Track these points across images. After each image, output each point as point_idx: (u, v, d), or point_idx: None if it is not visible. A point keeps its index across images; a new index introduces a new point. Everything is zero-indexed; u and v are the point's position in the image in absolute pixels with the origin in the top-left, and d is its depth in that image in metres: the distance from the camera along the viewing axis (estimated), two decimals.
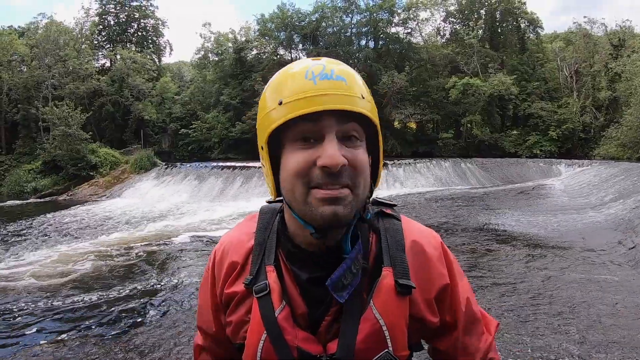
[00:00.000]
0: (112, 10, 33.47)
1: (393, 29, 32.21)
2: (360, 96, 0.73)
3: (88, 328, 4.96)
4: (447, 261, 0.84)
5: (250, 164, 18.72)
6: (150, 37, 35.46)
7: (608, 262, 6.43)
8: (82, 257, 8.29)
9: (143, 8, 34.20)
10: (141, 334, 4.63)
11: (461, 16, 32.65)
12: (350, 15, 31.77)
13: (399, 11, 31.42)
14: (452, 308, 0.83)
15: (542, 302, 4.87)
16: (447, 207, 12.11)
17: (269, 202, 0.89)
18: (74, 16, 52.92)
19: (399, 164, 20.02)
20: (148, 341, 4.41)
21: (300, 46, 33.46)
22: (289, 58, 31.73)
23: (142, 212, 14.68)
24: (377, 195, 0.89)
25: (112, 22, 33.79)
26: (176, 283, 6.53)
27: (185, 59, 47.66)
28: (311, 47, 32.12)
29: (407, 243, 0.81)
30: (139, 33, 34.82)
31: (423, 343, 0.89)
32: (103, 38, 33.67)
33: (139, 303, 5.71)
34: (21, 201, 19.56)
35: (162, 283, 6.55)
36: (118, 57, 30.41)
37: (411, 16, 31.98)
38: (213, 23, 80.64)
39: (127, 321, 5.12)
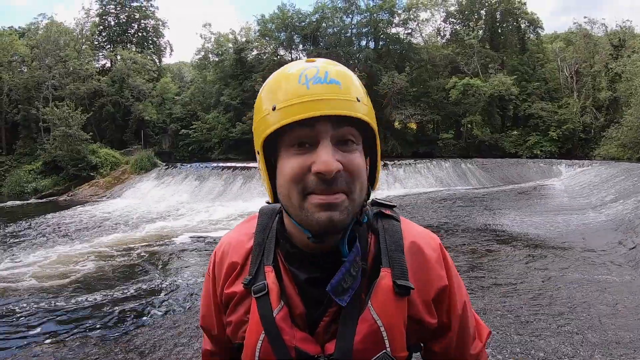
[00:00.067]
0: (113, 10, 33.51)
1: (393, 30, 32.22)
2: (355, 99, 0.72)
3: (88, 328, 4.97)
4: (446, 263, 0.84)
5: (250, 165, 18.72)
6: (150, 38, 35.51)
7: (608, 263, 6.42)
8: (83, 258, 8.30)
9: (143, 9, 34.24)
10: (142, 335, 4.63)
11: (461, 17, 32.63)
12: (350, 15, 31.76)
13: (399, 12, 31.40)
14: (449, 310, 0.83)
15: (543, 303, 4.87)
16: (448, 208, 12.10)
17: (269, 203, 0.89)
18: (75, 17, 53.15)
19: (399, 165, 20.04)
20: (148, 341, 4.41)
21: (300, 47, 33.45)
22: (289, 58, 31.71)
23: (143, 213, 14.69)
24: (378, 195, 0.88)
25: (113, 23, 33.83)
26: (176, 283, 6.54)
27: (185, 60, 47.73)
28: (311, 48, 32.11)
29: (406, 244, 0.81)
30: (140, 34, 34.86)
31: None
32: (103, 39, 33.71)
33: (140, 303, 5.71)
34: (21, 202, 19.60)
35: (163, 283, 6.56)
36: (118, 58, 30.44)
37: (411, 17, 31.96)
38: (213, 23, 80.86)
39: (128, 321, 5.13)
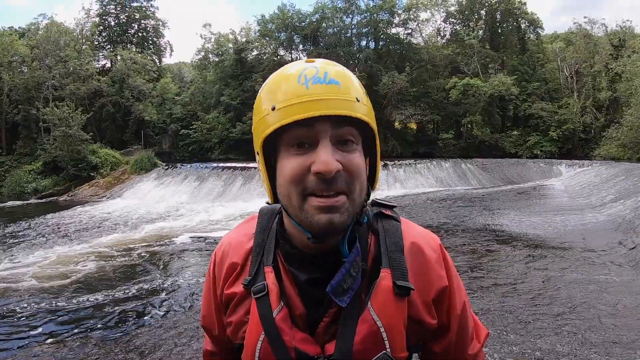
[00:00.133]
0: (113, 11, 33.53)
1: (393, 30, 32.23)
2: (355, 99, 0.72)
3: (89, 328, 4.97)
4: (446, 263, 0.84)
5: (250, 165, 18.72)
6: (150, 38, 35.52)
7: (608, 263, 6.42)
8: (83, 258, 8.31)
9: (143, 9, 34.26)
10: (142, 335, 4.63)
11: (461, 17, 32.63)
12: (350, 16, 31.77)
13: (400, 12, 31.42)
14: (449, 310, 0.83)
15: (543, 303, 4.87)
16: (448, 208, 12.10)
17: (268, 204, 0.88)
18: (75, 17, 53.34)
19: (400, 165, 20.04)
20: (149, 342, 4.41)
21: (300, 47, 33.47)
22: (290, 59, 31.72)
23: (143, 213, 14.70)
24: (378, 195, 0.88)
25: (113, 23, 33.84)
26: (177, 284, 6.54)
27: (185, 60, 47.74)
28: (311, 48, 32.12)
29: (406, 244, 0.81)
30: (140, 34, 34.88)
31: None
32: (103, 39, 33.72)
33: (140, 304, 5.72)
34: (22, 202, 19.61)
35: (163, 284, 6.56)
36: (118, 58, 30.45)
37: (411, 17, 31.98)
38: (213, 23, 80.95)
39: (128, 322, 5.14)
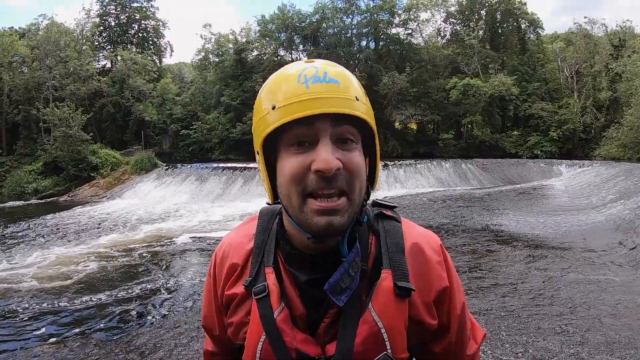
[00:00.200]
0: (113, 11, 33.54)
1: (393, 30, 32.24)
2: (354, 98, 0.72)
3: (89, 329, 4.97)
4: (447, 264, 0.84)
5: (250, 165, 18.71)
6: (150, 38, 35.52)
7: (609, 263, 6.42)
8: (83, 259, 8.30)
9: (144, 9, 34.27)
10: (142, 335, 4.63)
11: (461, 17, 32.63)
12: (350, 16, 31.77)
13: (400, 12, 31.42)
14: (449, 311, 0.83)
15: (543, 303, 4.87)
16: (448, 208, 12.10)
17: (269, 204, 0.88)
18: (75, 17, 53.42)
19: (400, 165, 20.02)
20: (149, 342, 4.41)
21: (300, 47, 33.48)
22: (290, 59, 31.74)
23: (143, 213, 14.69)
24: (378, 196, 0.88)
25: (113, 24, 33.85)
26: (177, 284, 6.54)
27: (185, 60, 47.75)
28: (312, 48, 32.12)
29: (407, 245, 0.81)
30: (140, 34, 34.88)
31: None
32: (104, 39, 33.73)
33: (140, 304, 5.71)
34: (22, 202, 19.59)
35: (163, 284, 6.56)
36: (119, 58, 30.46)
37: (412, 17, 31.99)
38: (213, 24, 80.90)
39: (128, 322, 5.13)
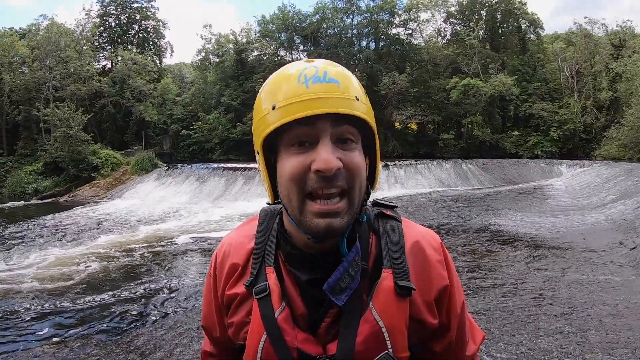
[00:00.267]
0: (113, 12, 33.60)
1: (394, 30, 32.31)
2: (354, 98, 0.72)
3: (89, 329, 4.97)
4: (447, 263, 0.84)
5: (251, 165, 18.72)
6: (151, 39, 35.58)
7: (609, 263, 6.41)
8: (83, 259, 8.30)
9: (144, 10, 34.31)
10: (142, 335, 4.63)
11: (462, 17, 32.66)
12: (351, 16, 31.81)
13: (400, 12, 31.48)
14: (449, 310, 0.83)
15: (543, 303, 4.87)
16: (448, 208, 12.10)
17: (269, 204, 0.88)
18: (75, 18, 53.50)
19: (400, 165, 20.04)
20: (149, 342, 4.41)
21: (301, 47, 33.53)
22: (290, 59, 31.74)
23: (143, 214, 14.70)
24: (379, 196, 0.88)
25: (113, 24, 33.91)
26: (177, 284, 6.53)
27: (186, 60, 47.87)
28: (312, 49, 32.15)
29: (408, 244, 0.81)
30: (140, 34, 34.93)
31: None
32: (104, 39, 33.78)
33: (140, 304, 5.71)
34: (22, 202, 19.61)
35: (163, 284, 6.56)
36: (119, 59, 30.51)
37: (412, 17, 32.03)
38: (213, 24, 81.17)
39: (129, 322, 5.13)
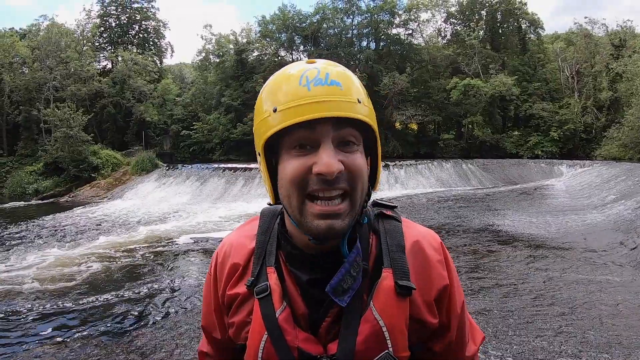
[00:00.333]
0: (114, 12, 33.63)
1: (394, 30, 32.30)
2: (356, 100, 0.72)
3: (90, 330, 4.97)
4: (447, 263, 0.85)
5: (251, 166, 18.73)
6: (151, 39, 35.60)
7: (609, 263, 6.42)
8: (83, 260, 8.30)
9: (144, 10, 34.33)
10: (143, 336, 4.63)
11: (462, 17, 32.66)
12: (351, 16, 31.81)
13: (400, 12, 31.47)
14: (449, 310, 0.83)
15: (544, 303, 4.87)
16: (449, 208, 12.10)
17: (270, 205, 0.89)
18: (76, 18, 53.51)
19: (401, 165, 20.04)
20: (149, 342, 4.41)
21: (301, 47, 33.52)
22: (290, 59, 31.75)
23: (144, 214, 14.70)
24: (379, 196, 0.89)
25: (114, 24, 33.94)
26: (178, 285, 6.53)
27: (186, 61, 47.89)
28: (312, 49, 32.15)
29: (408, 244, 0.81)
30: (140, 35, 34.96)
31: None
32: (104, 40, 33.82)
33: (141, 305, 5.71)
34: (23, 203, 19.61)
35: (164, 285, 6.56)
36: (119, 59, 30.52)
37: (412, 17, 32.02)
38: (213, 24, 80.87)
39: (129, 323, 5.13)
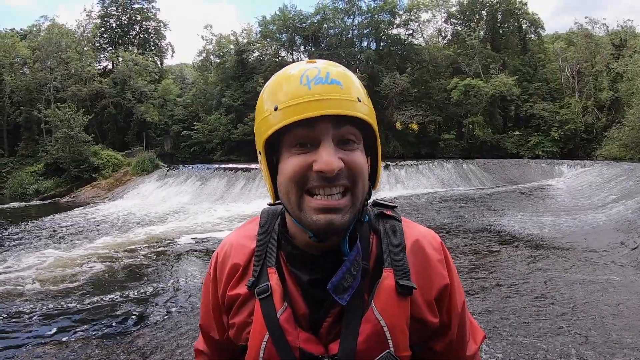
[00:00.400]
0: (114, 12, 33.65)
1: (394, 31, 32.26)
2: (356, 99, 0.73)
3: (90, 330, 4.97)
4: (447, 262, 0.85)
5: (252, 166, 18.73)
6: (152, 39, 35.62)
7: (610, 263, 6.41)
8: (84, 260, 8.30)
9: (145, 10, 34.35)
10: (143, 336, 4.63)
11: (462, 17, 32.65)
12: (351, 16, 31.80)
13: (401, 12, 31.44)
14: (449, 309, 0.84)
15: (545, 303, 4.86)
16: (449, 208, 12.09)
17: (270, 205, 0.89)
18: (76, 19, 53.42)
19: (401, 165, 20.02)
20: (150, 343, 4.41)
21: (302, 48, 33.51)
22: (291, 60, 31.75)
23: (144, 214, 14.71)
24: (380, 196, 0.89)
25: (114, 25, 33.95)
26: (178, 285, 6.53)
27: (187, 61, 47.90)
28: (313, 49, 32.14)
29: (408, 244, 0.82)
30: (141, 35, 34.98)
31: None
32: (105, 40, 33.83)
33: (141, 305, 5.71)
34: (23, 203, 19.61)
35: (165, 285, 6.56)
36: (120, 60, 30.54)
37: (412, 17, 32.00)
38: (214, 24, 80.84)
39: (130, 323, 5.13)
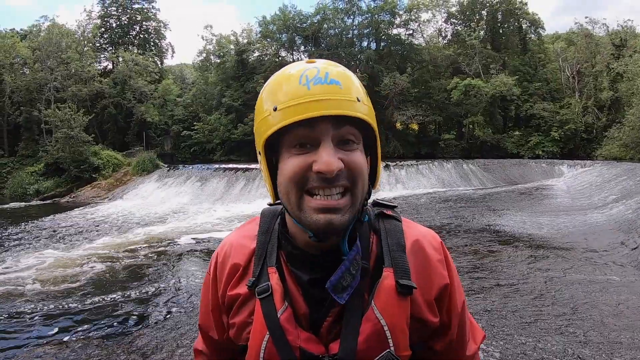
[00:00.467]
0: (114, 13, 33.66)
1: (395, 31, 32.27)
2: (356, 99, 0.73)
3: (91, 330, 4.97)
4: (447, 262, 0.85)
5: (252, 166, 18.73)
6: (152, 40, 35.63)
7: (611, 263, 6.41)
8: (84, 261, 8.30)
9: (145, 10, 34.36)
10: (143, 336, 4.63)
11: (462, 17, 32.66)
12: (351, 16, 31.80)
13: (401, 12, 31.44)
14: (449, 308, 0.84)
15: (545, 303, 4.86)
16: (450, 208, 12.10)
17: (270, 205, 0.89)
18: (76, 19, 53.45)
19: (401, 165, 20.03)
20: (150, 343, 4.41)
21: (302, 48, 33.52)
22: (291, 60, 31.75)
23: (144, 215, 14.71)
24: (379, 196, 0.89)
25: (114, 25, 33.96)
26: (178, 285, 6.54)
27: (187, 61, 47.91)
28: (313, 49, 32.15)
29: (408, 244, 0.82)
30: (141, 35, 34.99)
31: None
32: (105, 40, 33.84)
33: (142, 305, 5.72)
34: (24, 203, 19.62)
35: (165, 285, 6.56)
36: (120, 60, 30.54)
37: (413, 17, 32.00)
38: (214, 24, 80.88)
39: (130, 323, 5.13)
